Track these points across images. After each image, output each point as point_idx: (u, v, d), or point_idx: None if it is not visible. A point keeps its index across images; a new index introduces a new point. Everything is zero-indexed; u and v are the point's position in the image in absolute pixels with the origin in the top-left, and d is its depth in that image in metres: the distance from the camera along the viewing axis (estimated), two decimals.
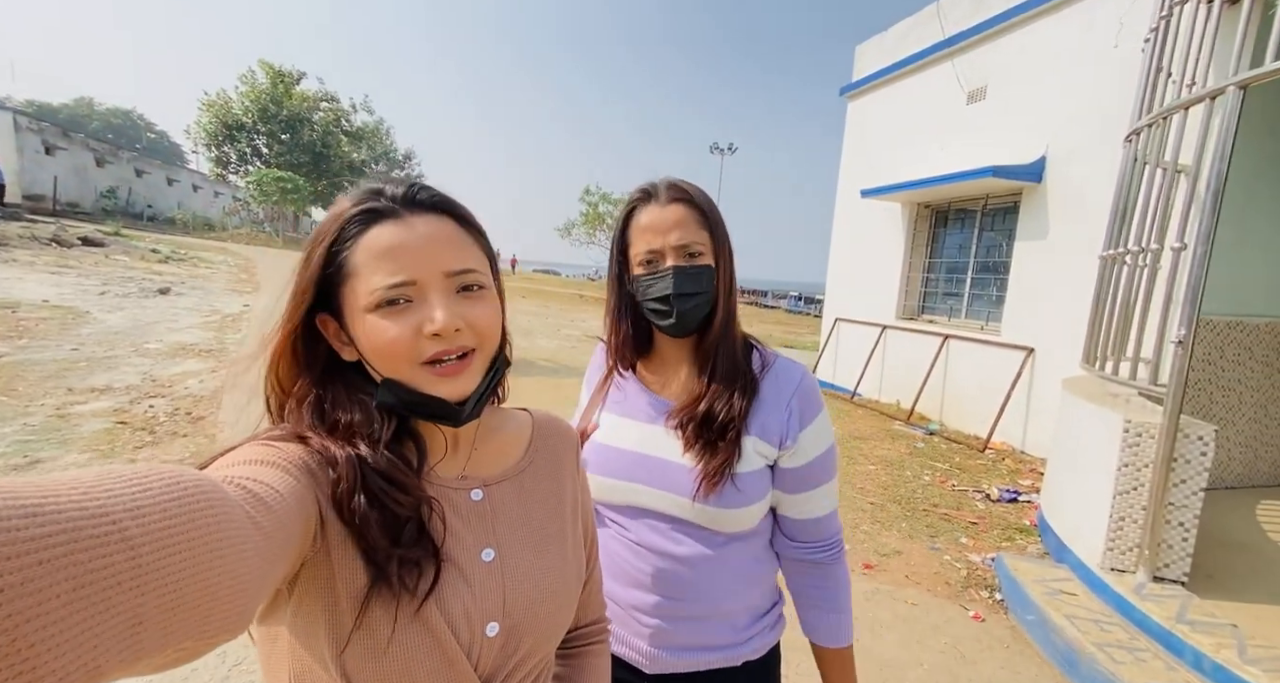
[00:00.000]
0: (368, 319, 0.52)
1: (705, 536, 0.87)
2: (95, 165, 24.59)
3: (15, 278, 8.69)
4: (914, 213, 7.04)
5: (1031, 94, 5.46)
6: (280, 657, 0.53)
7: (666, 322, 0.87)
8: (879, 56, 7.66)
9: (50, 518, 0.25)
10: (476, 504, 0.61)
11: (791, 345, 14.01)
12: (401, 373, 0.53)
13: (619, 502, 0.90)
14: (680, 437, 0.87)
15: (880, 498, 4.04)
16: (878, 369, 7.31)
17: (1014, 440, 5.42)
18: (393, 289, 0.51)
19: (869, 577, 2.95)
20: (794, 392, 0.90)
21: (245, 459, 0.47)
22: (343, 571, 0.50)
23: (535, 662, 0.62)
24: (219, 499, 0.34)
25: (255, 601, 0.37)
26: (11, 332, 5.93)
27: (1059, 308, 5.09)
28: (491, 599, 0.57)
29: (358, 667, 0.50)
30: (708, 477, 0.83)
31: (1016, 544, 3.40)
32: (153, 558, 0.29)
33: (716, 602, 0.87)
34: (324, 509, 0.50)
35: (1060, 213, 5.17)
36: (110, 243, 13.94)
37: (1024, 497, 4.15)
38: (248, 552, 0.35)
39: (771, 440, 0.87)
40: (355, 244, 0.53)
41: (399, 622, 0.51)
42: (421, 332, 0.52)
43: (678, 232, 0.85)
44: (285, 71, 30.82)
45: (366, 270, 0.52)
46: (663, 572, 0.87)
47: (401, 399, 0.54)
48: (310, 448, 0.52)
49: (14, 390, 4.33)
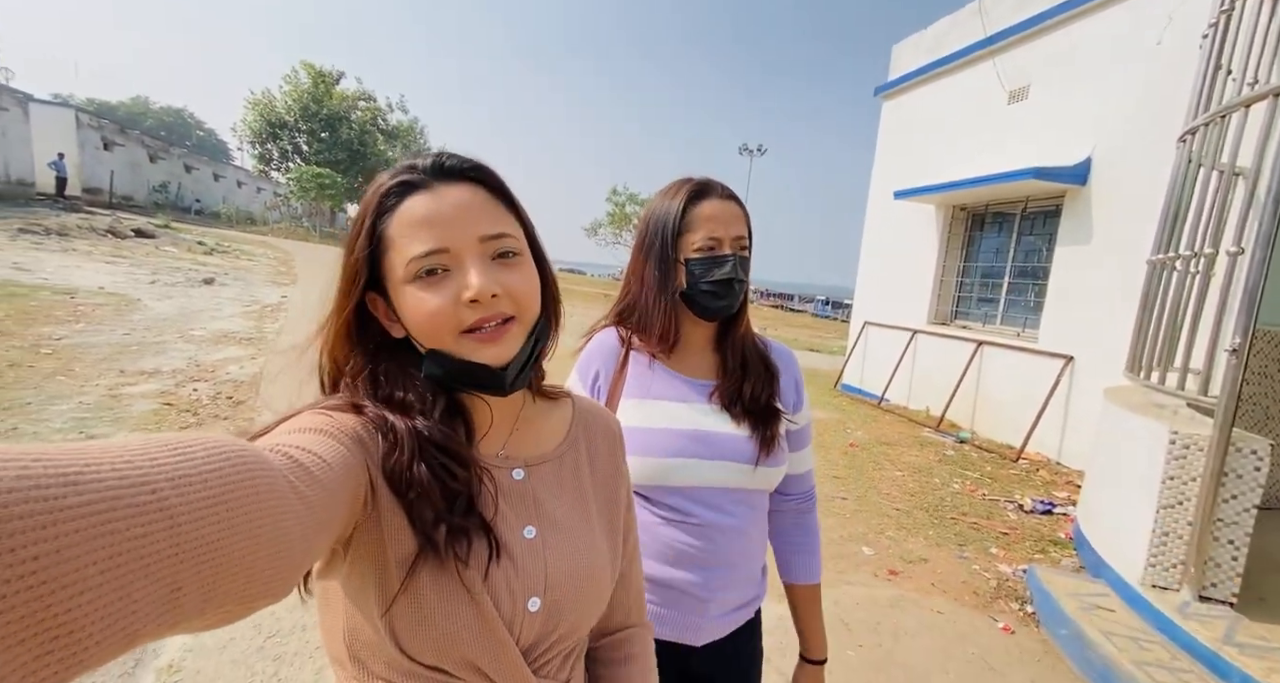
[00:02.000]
0: (407, 291, 0.53)
1: (750, 499, 0.97)
2: (149, 161, 25.72)
3: (74, 266, 9.17)
4: (949, 215, 6.87)
5: (1077, 93, 5.28)
6: (336, 613, 0.56)
7: (720, 303, 0.95)
8: (916, 55, 7.50)
9: (90, 487, 0.25)
10: (518, 483, 0.62)
11: (817, 349, 13.82)
12: (445, 343, 0.54)
13: (671, 483, 0.93)
14: (727, 412, 0.97)
15: (907, 505, 3.96)
16: (907, 375, 7.16)
17: (1050, 451, 5.24)
18: (427, 258, 0.52)
19: (893, 583, 2.90)
20: (794, 366, 1.09)
21: (299, 427, 0.48)
22: (392, 537, 0.51)
23: (572, 640, 0.63)
24: (261, 469, 0.35)
25: (298, 567, 0.38)
26: (70, 316, 6.26)
27: (1101, 315, 4.91)
28: (534, 576, 0.58)
29: (404, 629, 0.51)
30: (767, 442, 0.95)
31: (1050, 557, 3.29)
32: (191, 527, 0.29)
33: (752, 559, 0.98)
34: (374, 477, 0.51)
35: (1105, 216, 4.98)
36: (160, 235, 14.57)
37: (1059, 509, 4.01)
38: (288, 520, 0.36)
39: (788, 407, 1.03)
40: (390, 217, 0.54)
41: (445, 591, 0.52)
42: (460, 300, 0.52)
43: (736, 225, 0.95)
44: (326, 72, 31.73)
45: (402, 242, 0.53)
46: (717, 542, 0.93)
47: (446, 369, 0.55)
48: (365, 417, 0.53)
49: (71, 371, 4.57)
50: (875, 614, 2.60)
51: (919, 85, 7.45)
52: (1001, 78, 6.06)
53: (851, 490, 4.15)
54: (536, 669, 0.59)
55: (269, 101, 30.85)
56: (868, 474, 4.54)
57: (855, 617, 2.56)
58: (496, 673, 0.55)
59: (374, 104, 33.93)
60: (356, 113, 32.78)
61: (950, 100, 6.90)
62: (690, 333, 1.01)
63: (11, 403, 3.75)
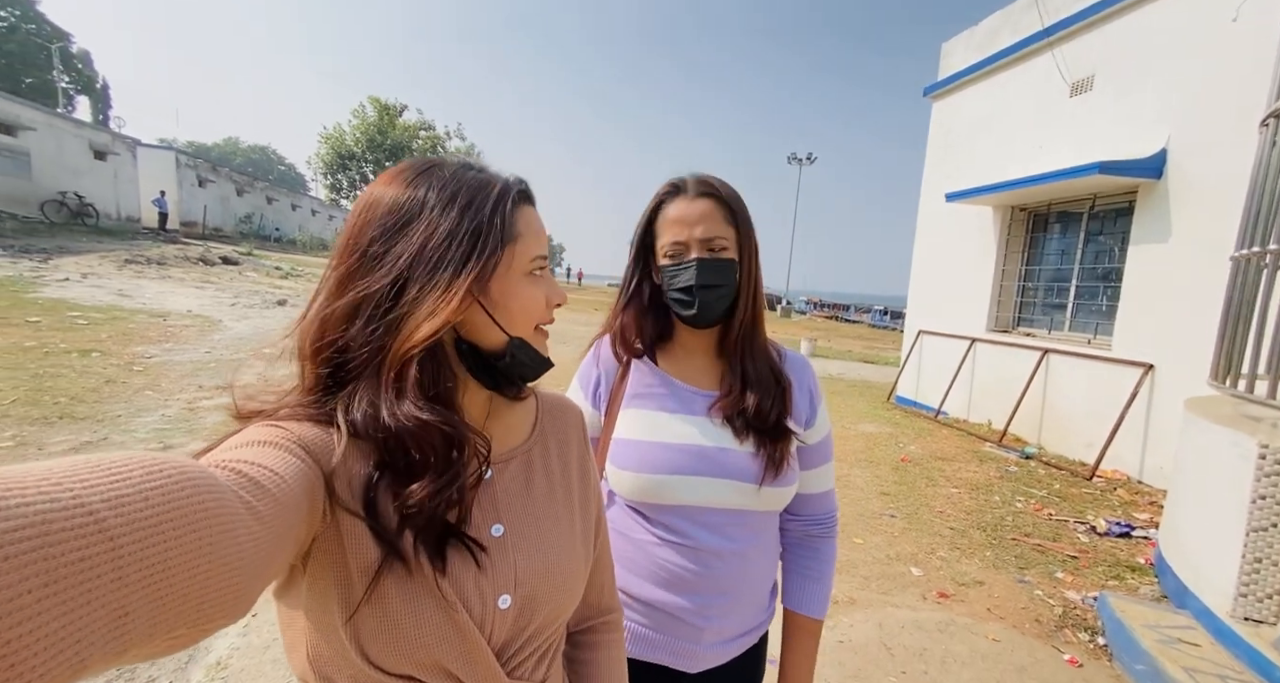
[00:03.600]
0: (521, 280, 0.59)
1: (753, 521, 0.90)
2: (236, 195, 28.25)
3: (169, 291, 10.13)
4: (1008, 217, 6.50)
5: (1147, 81, 4.90)
6: (297, 630, 0.55)
7: (688, 312, 0.88)
8: (967, 53, 7.21)
9: (16, 511, 0.24)
10: (485, 482, 0.62)
11: (871, 361, 13.29)
12: (527, 333, 0.60)
13: (669, 501, 0.87)
14: (728, 427, 0.89)
15: (962, 523, 3.71)
16: (966, 386, 6.76)
17: (1129, 468, 4.79)
18: (541, 259, 0.61)
19: (944, 607, 2.71)
20: (810, 377, 0.99)
21: (247, 441, 0.47)
22: (353, 545, 0.50)
23: (546, 635, 0.63)
24: (206, 485, 0.34)
25: (254, 585, 0.37)
26: (162, 337, 6.90)
27: (1183, 318, 4.48)
28: (503, 573, 0.58)
29: (369, 638, 0.50)
30: (778, 462, 0.88)
31: (1126, 584, 2.98)
32: (133, 548, 0.28)
33: (755, 586, 0.91)
34: (333, 485, 0.50)
35: (1184, 211, 4.57)
36: (244, 261, 15.89)
37: (1139, 531, 3.64)
38: (240, 536, 0.35)
39: (800, 422, 0.94)
40: (515, 215, 0.60)
41: (411, 595, 0.51)
42: (549, 301, 0.62)
43: (703, 225, 0.86)
44: (390, 105, 33.93)
45: (528, 239, 0.60)
46: (714, 568, 0.86)
47: (528, 358, 0.61)
48: (313, 424, 0.51)
49: (158, 386, 5.02)
50: (921, 639, 2.43)
51: (971, 83, 7.14)
52: (1062, 70, 5.72)
53: (901, 508, 3.93)
54: (510, 671, 0.58)
55: (339, 135, 33.22)
56: (919, 491, 4.29)
57: (899, 641, 2.40)
58: (469, 676, 0.54)
59: (434, 132, 35.86)
60: (418, 142, 34.74)
61: (1006, 97, 6.56)
62: (688, 340, 0.96)
63: (105, 415, 4.15)
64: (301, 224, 34.49)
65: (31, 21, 32.92)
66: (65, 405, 4.21)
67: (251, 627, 2.19)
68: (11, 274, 8.97)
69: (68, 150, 17.54)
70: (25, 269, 9.57)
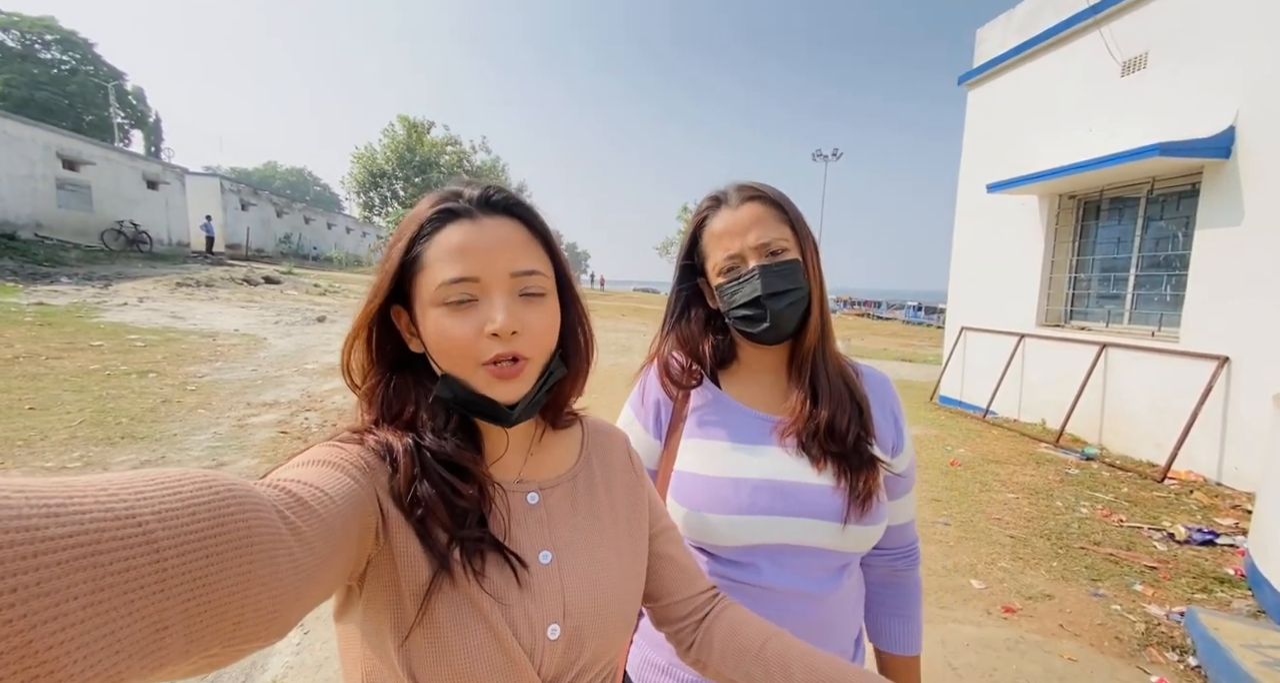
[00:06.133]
0: (433, 313, 0.54)
1: (837, 562, 0.79)
2: (276, 216, 29.49)
3: (218, 312, 10.58)
4: (1055, 205, 6.19)
5: (1211, 55, 4.60)
6: (354, 655, 0.55)
7: (760, 327, 0.78)
8: (1005, 37, 6.93)
9: (72, 519, 0.25)
10: (533, 508, 0.60)
11: (909, 359, 12.88)
12: (462, 370, 0.54)
13: (742, 542, 0.77)
14: (804, 455, 0.79)
15: (1023, 531, 3.50)
16: (1015, 384, 6.45)
17: (1205, 469, 4.46)
18: (457, 284, 0.53)
19: (1010, 622, 2.54)
20: (891, 396, 0.89)
21: (305, 460, 0.48)
22: (405, 567, 0.50)
23: (599, 669, 0.61)
24: (251, 503, 0.34)
25: (293, 606, 0.36)
26: (212, 356, 7.19)
27: (1262, 306, 4.15)
28: (551, 602, 0.56)
29: (421, 664, 0.50)
30: (863, 496, 0.77)
31: (1216, 597, 2.75)
32: (178, 562, 0.28)
33: (839, 636, 0.81)
34: (385, 506, 0.51)
35: (1257, 191, 4.25)
36: (285, 280, 16.50)
37: (1223, 539, 3.37)
38: (280, 556, 0.35)
39: (886, 447, 0.84)
40: (430, 240, 0.54)
41: (461, 621, 0.50)
42: (483, 331, 0.53)
43: (756, 230, 0.79)
44: (418, 122, 34.86)
45: (436, 265, 0.53)
46: (793, 614, 0.77)
47: (457, 396, 0.55)
48: (366, 446, 0.53)
49: (210, 405, 5.20)
50: (989, 659, 2.29)
51: (1010, 68, 6.85)
52: (1112, 48, 5.43)
53: (955, 515, 3.75)
54: None
55: (371, 155, 34.31)
56: (973, 497, 4.09)
57: (964, 661, 2.26)
58: None
59: (459, 147, 36.67)
60: (445, 157, 35.58)
61: (1049, 80, 6.26)
62: (754, 359, 0.87)
63: (162, 435, 4.31)
64: (337, 242, 35.74)
65: (90, 63, 35.20)
66: (126, 426, 4.39)
67: (304, 645, 2.21)
68: (77, 301, 9.52)
69: (124, 182, 18.63)
70: (88, 295, 10.15)
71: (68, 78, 33.87)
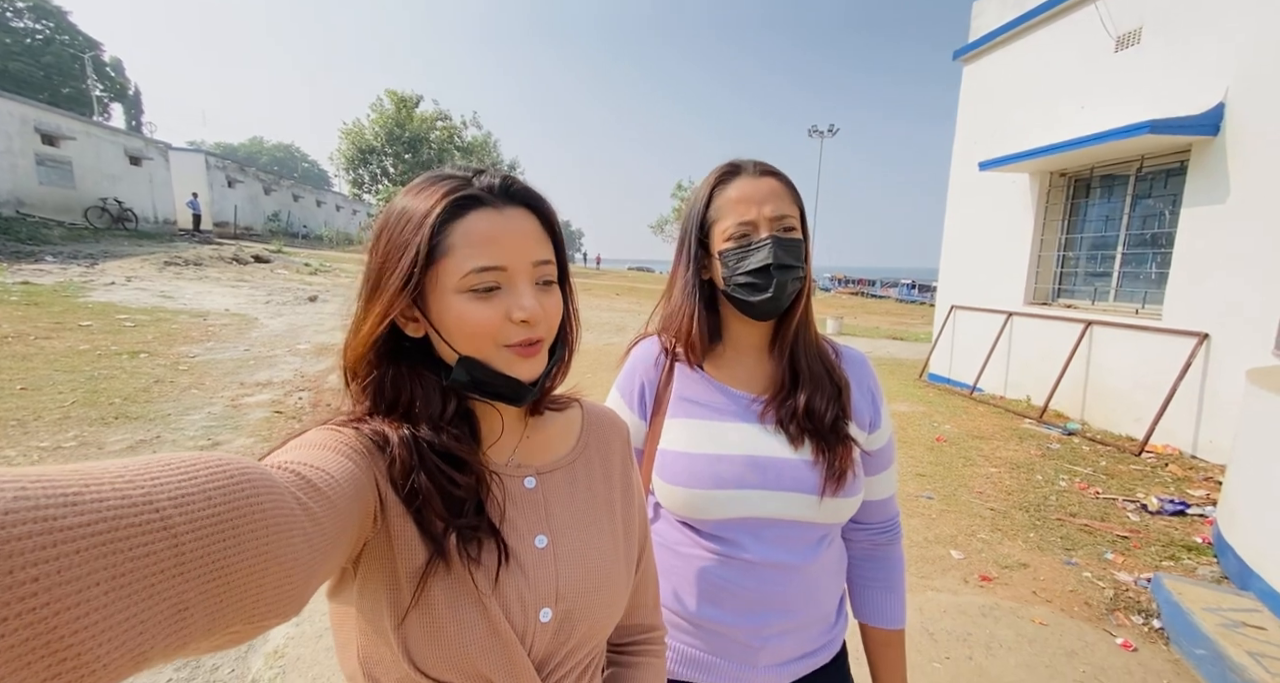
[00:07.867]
0: (456, 299, 0.53)
1: (815, 534, 0.83)
2: (264, 194, 28.97)
3: (207, 291, 10.47)
4: (1046, 183, 6.20)
5: (1204, 31, 4.57)
6: (349, 631, 0.56)
7: (760, 297, 0.79)
8: (1001, 11, 6.82)
9: (90, 507, 0.25)
10: (529, 492, 0.62)
11: (900, 337, 12.99)
12: (483, 351, 0.55)
13: (725, 516, 0.80)
14: (782, 432, 0.83)
15: (1003, 504, 3.62)
16: (1002, 361, 6.55)
17: (1181, 443, 4.59)
18: (486, 273, 0.53)
19: (986, 590, 2.65)
20: (869, 375, 0.91)
21: (307, 444, 0.49)
22: (402, 550, 0.52)
23: (587, 651, 0.62)
24: (266, 486, 0.35)
25: (306, 584, 0.38)
26: (203, 336, 7.15)
27: (1242, 285, 4.23)
28: (545, 585, 0.58)
29: (416, 643, 0.51)
30: (839, 472, 0.80)
31: (1183, 564, 2.87)
32: (195, 545, 0.29)
33: (820, 603, 0.84)
34: (383, 491, 0.52)
35: (1243, 170, 4.28)
36: (274, 259, 16.31)
37: (1194, 509, 3.50)
38: (295, 536, 0.36)
39: (863, 425, 0.87)
40: (452, 227, 0.53)
41: (456, 602, 0.52)
42: (510, 317, 0.54)
43: (772, 203, 0.80)
44: (407, 96, 34.01)
45: (462, 253, 0.53)
46: (772, 583, 0.80)
47: (477, 377, 0.55)
48: (362, 433, 0.53)
49: (203, 385, 5.21)
50: (964, 624, 2.39)
51: (1004, 44, 6.77)
52: (1106, 23, 5.37)
53: (938, 489, 3.86)
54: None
55: (359, 130, 33.53)
56: (957, 471, 4.20)
57: (941, 626, 2.37)
58: None
59: (450, 123, 35.89)
60: (435, 132, 34.84)
61: (1043, 57, 6.20)
62: (740, 337, 0.88)
63: (156, 414, 4.33)
64: (326, 220, 35.22)
65: (65, 32, 33.95)
66: (120, 406, 4.40)
67: (304, 617, 2.27)
68: (63, 280, 9.39)
69: (105, 157, 18.18)
70: (75, 275, 10.01)
71: (42, 48, 32.72)
